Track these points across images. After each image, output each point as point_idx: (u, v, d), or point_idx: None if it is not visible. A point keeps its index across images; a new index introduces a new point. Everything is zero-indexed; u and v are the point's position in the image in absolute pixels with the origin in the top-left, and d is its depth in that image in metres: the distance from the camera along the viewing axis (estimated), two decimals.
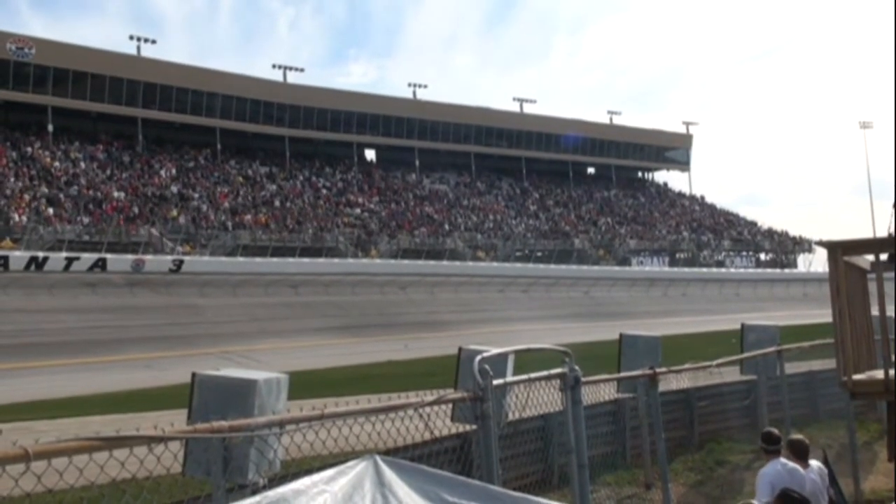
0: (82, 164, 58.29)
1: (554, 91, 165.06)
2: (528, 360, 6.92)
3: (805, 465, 7.29)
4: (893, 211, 8.07)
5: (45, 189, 53.54)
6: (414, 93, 78.30)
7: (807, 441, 7.60)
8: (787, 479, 6.91)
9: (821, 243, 8.17)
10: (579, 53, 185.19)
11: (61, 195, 53.71)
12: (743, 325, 15.01)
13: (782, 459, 7.24)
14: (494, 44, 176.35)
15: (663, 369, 10.28)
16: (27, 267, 45.36)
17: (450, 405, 5.56)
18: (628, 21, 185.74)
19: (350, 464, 3.50)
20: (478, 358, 5.39)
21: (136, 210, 55.38)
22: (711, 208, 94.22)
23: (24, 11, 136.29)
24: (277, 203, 64.94)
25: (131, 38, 63.59)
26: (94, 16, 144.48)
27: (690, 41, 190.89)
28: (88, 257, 47.75)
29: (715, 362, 11.55)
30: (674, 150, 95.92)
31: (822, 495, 7.21)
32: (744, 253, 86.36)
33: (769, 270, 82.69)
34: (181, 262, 51.22)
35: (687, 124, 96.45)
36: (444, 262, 63.75)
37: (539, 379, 6.42)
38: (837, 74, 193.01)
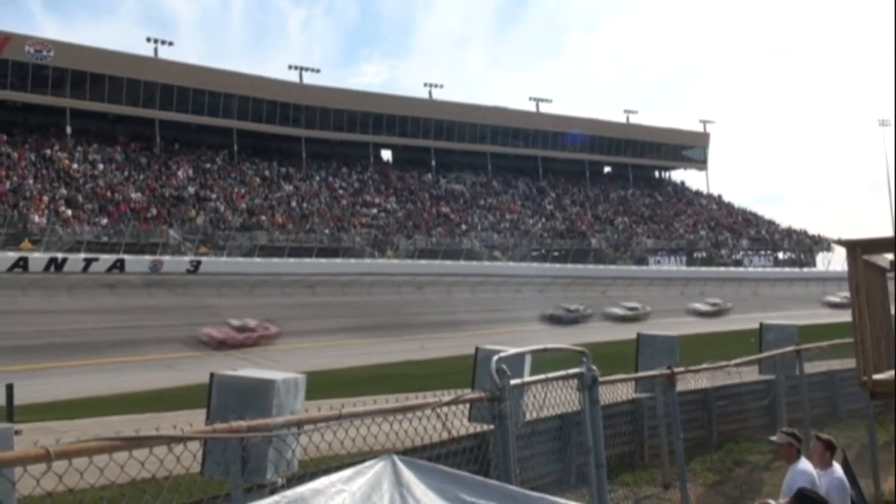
0: (100, 166, 58.64)
1: (569, 90, 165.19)
2: (545, 359, 6.91)
3: (829, 464, 7.24)
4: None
5: (63, 190, 53.91)
6: (430, 93, 78.44)
7: (834, 441, 7.53)
8: (814, 480, 6.86)
9: (840, 242, 8.12)
10: (593, 52, 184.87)
11: (80, 196, 54.08)
12: (761, 325, 14.89)
13: (804, 459, 7.18)
14: (507, 43, 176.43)
15: (681, 369, 10.24)
16: (46, 268, 45.69)
17: (467, 405, 5.56)
18: (641, 19, 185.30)
19: (368, 464, 3.50)
20: (495, 358, 5.39)
21: (153, 211, 55.67)
22: (729, 207, 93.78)
23: (37, 14, 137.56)
24: (294, 204, 65.11)
25: (148, 39, 64.03)
26: (107, 18, 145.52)
27: (705, 39, 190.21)
28: (107, 258, 48.06)
29: (733, 362, 11.49)
30: (691, 148, 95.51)
31: (845, 496, 7.15)
32: (762, 252, 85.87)
33: (788, 269, 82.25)
34: (199, 262, 51.46)
35: (704, 122, 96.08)
36: (461, 262, 63.73)
37: (556, 379, 6.42)
38: (856, 71, 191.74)
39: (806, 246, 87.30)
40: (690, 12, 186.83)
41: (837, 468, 7.31)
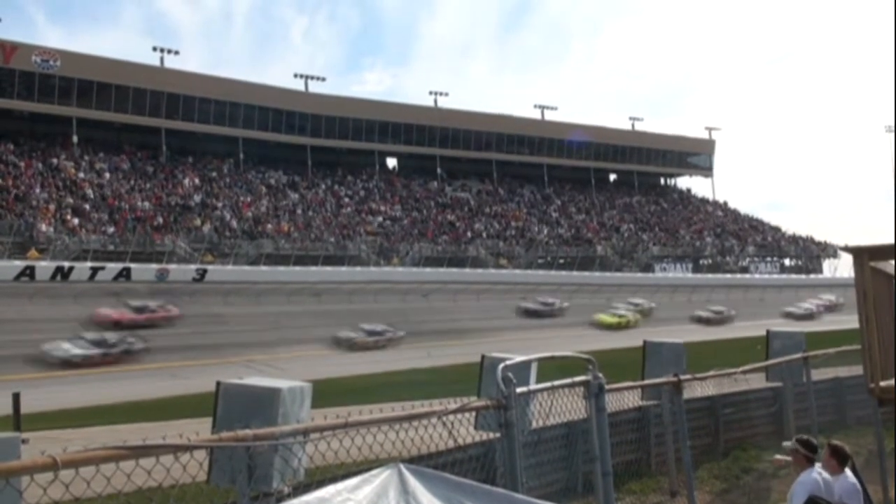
0: (107, 175, 58.80)
1: (573, 97, 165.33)
2: (551, 367, 6.90)
3: (842, 471, 7.19)
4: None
5: (70, 199, 54.05)
6: (435, 101, 78.46)
7: (847, 448, 7.48)
8: (822, 489, 6.82)
9: (846, 248, 8.09)
10: (597, 58, 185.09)
11: (86, 205, 54.22)
12: (768, 332, 14.85)
13: (818, 468, 7.14)
14: (510, 50, 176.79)
15: (688, 376, 10.21)
16: (53, 277, 45.79)
17: (473, 413, 5.56)
18: (645, 24, 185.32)
19: (374, 472, 3.51)
20: (501, 366, 5.39)
21: (160, 220, 55.79)
22: (735, 214, 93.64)
23: (42, 24, 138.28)
24: (300, 212, 65.21)
25: (154, 49, 64.31)
26: (112, 28, 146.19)
27: (710, 44, 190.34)
28: (113, 267, 48.17)
29: (740, 369, 11.46)
30: (696, 155, 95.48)
31: (859, 501, 7.11)
32: (768, 258, 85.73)
33: (794, 276, 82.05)
34: (205, 271, 51.55)
35: (709, 129, 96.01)
36: (467, 270, 63.76)
37: (563, 386, 6.40)
38: (864, 77, 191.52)
39: (812, 252, 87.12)
40: (694, 17, 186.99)
41: (850, 474, 7.27)
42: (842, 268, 76.10)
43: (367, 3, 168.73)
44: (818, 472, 7.07)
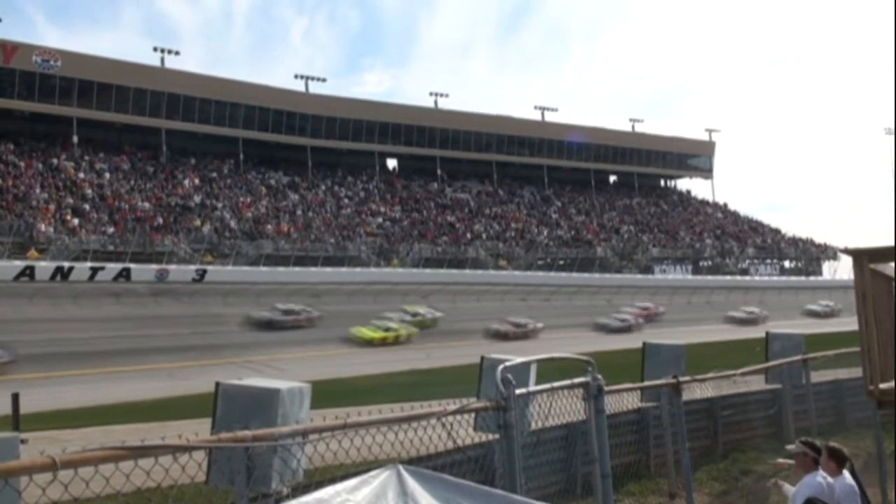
0: (107, 175, 58.78)
1: (573, 98, 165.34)
2: (550, 369, 6.90)
3: (840, 473, 7.18)
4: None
5: (70, 200, 54.03)
6: (435, 102, 78.45)
7: (845, 450, 7.46)
8: (826, 492, 6.80)
9: (846, 251, 8.09)
10: (596, 60, 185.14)
11: (86, 205, 54.20)
12: (768, 334, 14.86)
13: (822, 472, 7.11)
14: (510, 51, 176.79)
15: (687, 378, 10.21)
16: (53, 277, 45.77)
17: (472, 414, 5.56)
18: (645, 26, 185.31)
19: (373, 473, 3.51)
20: (500, 367, 5.39)
21: (160, 220, 55.77)
22: (735, 215, 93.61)
23: (41, 24, 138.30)
24: (300, 212, 65.19)
25: (155, 49, 64.28)
26: (112, 28, 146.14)
27: (710, 46, 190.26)
28: (113, 267, 48.16)
29: (739, 371, 11.46)
30: (696, 157, 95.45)
31: (856, 503, 7.09)
32: (768, 260, 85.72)
33: (794, 278, 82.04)
34: (204, 271, 51.52)
35: (709, 131, 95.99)
36: (466, 271, 63.73)
37: (562, 388, 6.40)
38: (865, 79, 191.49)
39: (812, 254, 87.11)
40: (695, 19, 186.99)
41: (848, 476, 7.26)
42: (841, 270, 76.22)
43: (366, 3, 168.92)
44: (823, 476, 7.06)
